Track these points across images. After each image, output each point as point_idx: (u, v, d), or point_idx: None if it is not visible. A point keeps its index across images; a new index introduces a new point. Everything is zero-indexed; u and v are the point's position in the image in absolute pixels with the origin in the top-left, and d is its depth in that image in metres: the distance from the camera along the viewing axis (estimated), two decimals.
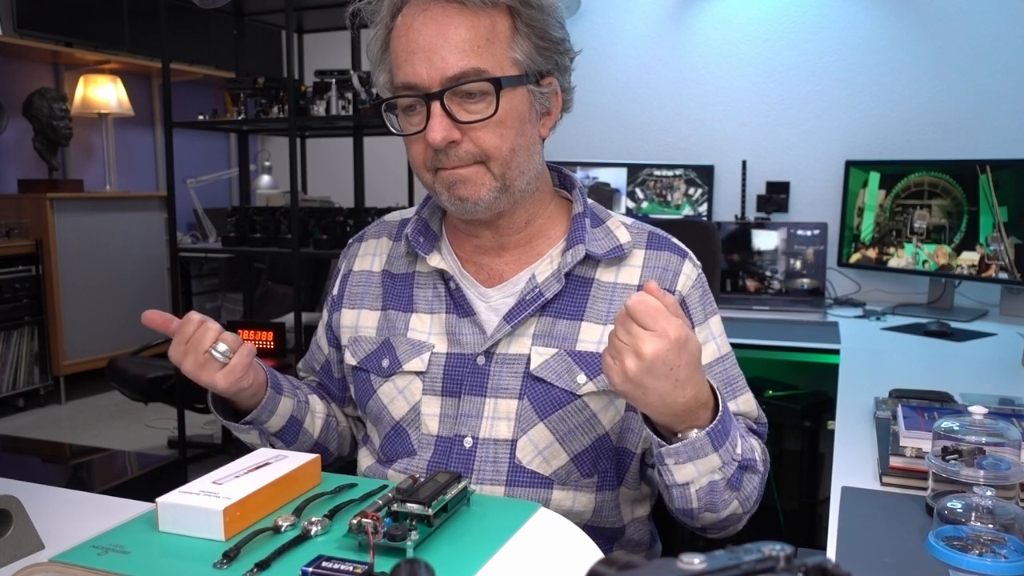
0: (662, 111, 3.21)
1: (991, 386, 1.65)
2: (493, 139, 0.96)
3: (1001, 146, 2.71)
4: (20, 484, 0.97)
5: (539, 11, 0.96)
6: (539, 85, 0.99)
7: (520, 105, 0.97)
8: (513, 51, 0.95)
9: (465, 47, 0.93)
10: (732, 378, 1.07)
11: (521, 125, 0.98)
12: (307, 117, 2.87)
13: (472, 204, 0.98)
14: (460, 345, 1.04)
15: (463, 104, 0.94)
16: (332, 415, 1.20)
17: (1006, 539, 0.82)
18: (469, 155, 0.96)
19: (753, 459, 0.95)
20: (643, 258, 1.06)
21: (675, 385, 0.83)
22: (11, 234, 4.02)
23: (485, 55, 0.93)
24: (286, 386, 1.11)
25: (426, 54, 0.93)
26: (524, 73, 0.97)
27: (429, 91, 0.93)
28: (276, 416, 1.08)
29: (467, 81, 0.93)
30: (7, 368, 3.97)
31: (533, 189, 1.03)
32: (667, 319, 0.82)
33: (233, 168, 4.51)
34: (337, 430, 1.20)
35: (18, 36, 4.06)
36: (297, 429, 1.12)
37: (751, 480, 0.95)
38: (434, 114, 0.94)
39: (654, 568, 0.38)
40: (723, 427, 0.89)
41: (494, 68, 0.94)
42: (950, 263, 2.54)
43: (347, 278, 1.16)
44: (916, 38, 2.86)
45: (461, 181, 0.97)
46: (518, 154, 0.98)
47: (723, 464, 0.90)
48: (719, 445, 0.89)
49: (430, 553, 0.77)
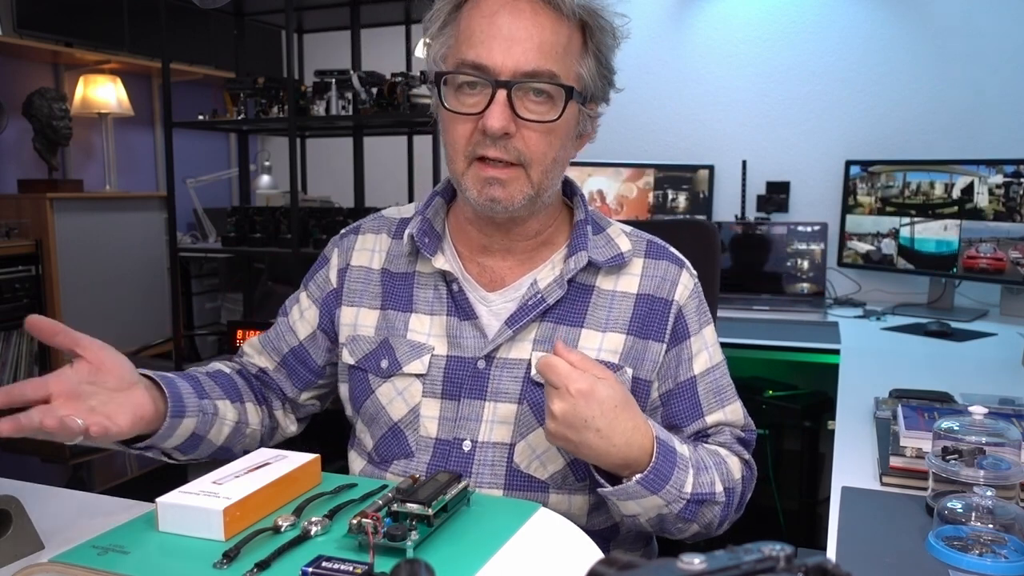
0: (662, 111, 3.21)
1: (991, 386, 1.65)
2: (542, 145, 0.96)
3: (1001, 146, 2.71)
4: (20, 484, 0.97)
5: (609, 37, 0.99)
6: (586, 107, 1.01)
7: (572, 120, 0.99)
8: (580, 67, 0.97)
9: (547, 48, 0.94)
10: (722, 388, 1.08)
11: (567, 139, 1.00)
12: (307, 117, 2.87)
13: (503, 207, 0.98)
14: (461, 348, 1.03)
15: (525, 102, 0.95)
16: (243, 421, 1.10)
17: (1006, 539, 0.82)
18: (515, 152, 0.96)
19: (711, 493, 0.96)
20: (642, 267, 1.06)
21: (599, 436, 0.87)
22: (11, 234, 4.02)
23: (561, 61, 0.95)
24: (190, 404, 0.99)
25: (508, 42, 0.93)
26: (584, 90, 0.99)
27: (498, 78, 0.93)
28: (173, 439, 0.98)
29: (542, 80, 0.94)
30: (7, 368, 3.97)
31: (551, 202, 1.04)
32: (568, 375, 0.86)
33: (233, 168, 4.51)
34: (245, 433, 1.11)
35: (18, 36, 4.05)
36: (197, 444, 1.02)
37: (710, 510, 0.97)
38: (497, 101, 0.93)
39: (654, 568, 0.38)
40: (657, 476, 0.91)
41: (566, 76, 0.95)
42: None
43: (345, 273, 1.13)
44: (916, 38, 2.86)
45: (499, 183, 0.97)
46: (556, 166, 0.99)
47: (667, 503, 0.93)
48: (657, 489, 0.91)
49: (430, 553, 0.77)
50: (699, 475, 0.96)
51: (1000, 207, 2.44)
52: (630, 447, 0.89)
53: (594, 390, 0.86)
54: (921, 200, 2.63)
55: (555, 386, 0.87)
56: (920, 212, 2.63)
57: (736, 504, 1.02)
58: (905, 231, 2.67)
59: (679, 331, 1.05)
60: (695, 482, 0.94)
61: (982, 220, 2.48)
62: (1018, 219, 2.40)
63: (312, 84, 2.87)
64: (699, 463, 0.97)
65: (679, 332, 1.05)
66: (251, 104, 3.02)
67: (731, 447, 1.07)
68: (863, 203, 2.77)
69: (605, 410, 0.87)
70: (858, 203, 2.78)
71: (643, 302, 1.04)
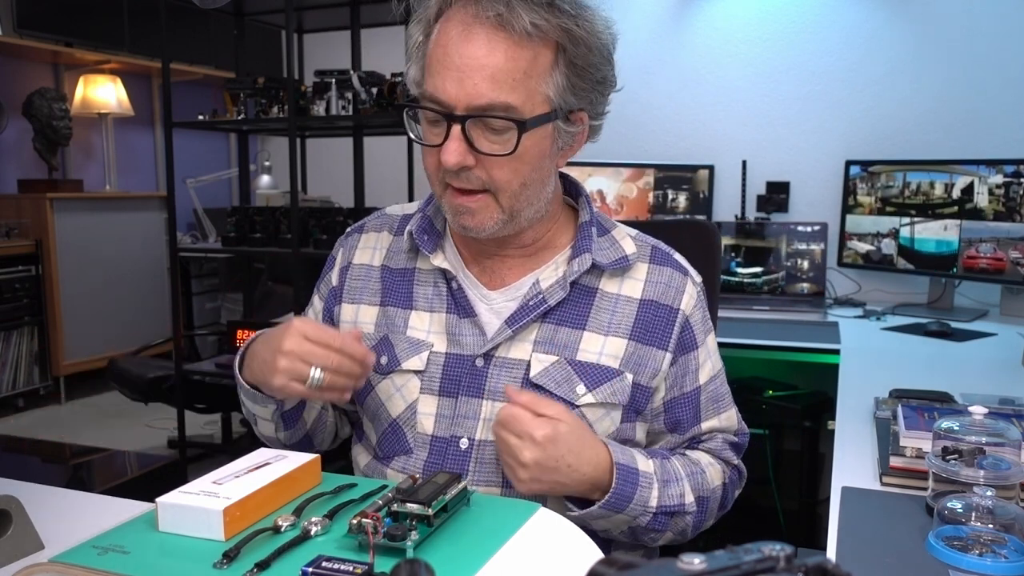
0: (662, 111, 3.21)
1: (991, 386, 1.65)
2: (506, 174, 0.94)
3: (1001, 146, 2.71)
4: (20, 484, 0.97)
5: (587, 50, 0.94)
6: (568, 121, 0.97)
7: (542, 142, 0.95)
8: (547, 87, 0.92)
9: (500, 77, 0.89)
10: (720, 395, 1.11)
11: (539, 161, 0.96)
12: (307, 117, 2.87)
13: (476, 232, 0.98)
14: (459, 346, 1.03)
15: (485, 133, 0.92)
16: (324, 408, 1.16)
17: (1006, 539, 0.82)
18: (479, 181, 0.94)
19: (680, 504, 1.00)
20: (646, 272, 1.06)
21: (570, 470, 0.92)
22: (11, 234, 4.02)
23: (519, 89, 0.90)
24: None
25: (459, 74, 0.90)
26: (553, 110, 0.94)
27: (453, 111, 0.91)
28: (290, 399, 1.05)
29: (492, 115, 0.90)
30: (7, 368, 3.97)
31: (543, 214, 1.02)
32: (530, 424, 0.90)
33: (233, 168, 4.51)
34: (326, 422, 1.17)
35: (18, 36, 4.06)
36: (297, 417, 1.09)
37: (681, 519, 1.01)
38: (453, 136, 0.91)
39: (654, 568, 0.38)
40: (619, 498, 0.95)
41: (524, 104, 0.91)
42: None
43: (347, 271, 1.13)
44: (916, 38, 2.86)
45: (468, 211, 0.96)
46: (529, 188, 0.97)
47: (634, 518, 0.97)
48: (621, 509, 0.96)
49: (430, 553, 0.77)
50: (666, 488, 0.99)
51: (1000, 207, 2.44)
52: (596, 470, 0.94)
53: (557, 431, 0.91)
54: (921, 200, 2.63)
55: (519, 436, 0.91)
56: (920, 212, 2.63)
57: (712, 510, 1.06)
58: (905, 231, 2.67)
59: (686, 341, 1.06)
60: (661, 495, 0.98)
61: (982, 220, 2.48)
62: (1018, 219, 2.40)
63: (312, 84, 2.87)
64: (668, 475, 1.01)
65: (686, 343, 1.06)
66: (251, 104, 3.02)
67: (719, 453, 1.09)
68: (863, 203, 2.77)
69: (571, 446, 0.92)
70: (858, 203, 2.78)
71: (647, 308, 1.04)
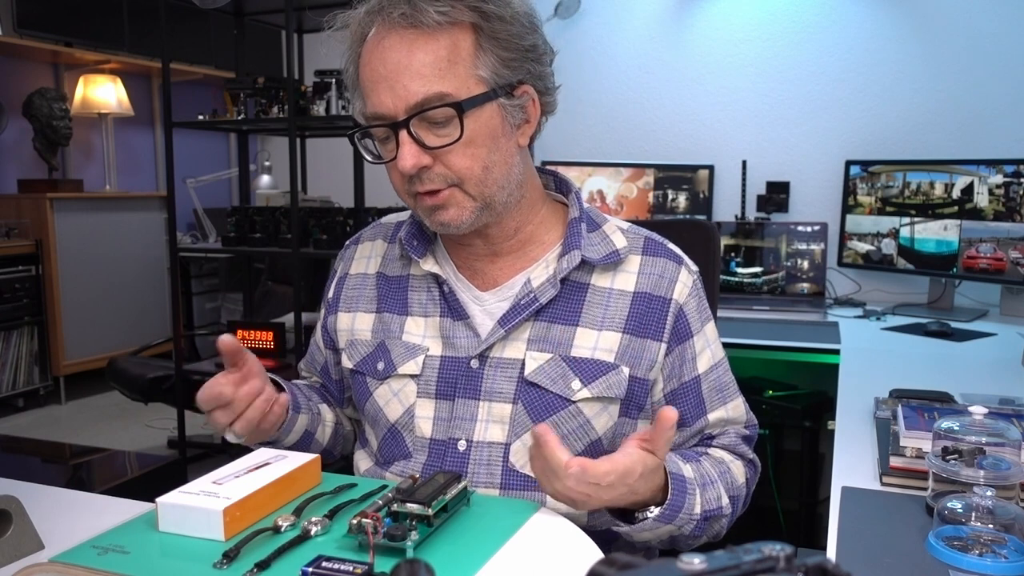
0: (662, 111, 3.21)
1: (991, 386, 1.65)
2: (464, 161, 0.95)
3: (1001, 146, 2.71)
4: (20, 484, 0.97)
5: (503, 23, 0.94)
6: (512, 96, 0.97)
7: (490, 122, 0.95)
8: (477, 68, 0.93)
9: (426, 71, 0.91)
10: (724, 384, 1.09)
11: (493, 141, 0.96)
12: (307, 117, 2.87)
13: (455, 227, 0.98)
14: (454, 348, 1.03)
15: (431, 129, 0.94)
16: (340, 422, 1.21)
17: (1006, 539, 0.82)
18: (442, 178, 0.96)
19: (718, 508, 0.98)
20: (639, 264, 1.05)
21: (629, 492, 0.87)
22: (11, 234, 4.02)
23: (448, 77, 0.92)
24: (302, 402, 1.12)
25: (389, 83, 0.92)
26: (491, 89, 0.94)
27: (396, 120, 0.93)
28: (291, 435, 1.10)
29: (430, 108, 0.92)
30: (7, 368, 3.97)
31: (518, 198, 1.02)
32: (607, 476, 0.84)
33: (233, 168, 4.51)
34: (343, 435, 1.21)
35: (18, 36, 4.06)
36: (309, 441, 1.13)
37: (717, 522, 0.99)
38: (403, 142, 0.93)
39: (654, 568, 0.38)
40: (673, 509, 0.91)
41: (458, 89, 0.92)
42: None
43: (343, 281, 1.16)
44: (916, 38, 2.86)
45: (440, 207, 0.97)
46: (493, 171, 0.97)
47: (679, 527, 0.94)
48: (671, 520, 0.92)
49: (430, 553, 0.77)
50: (705, 492, 0.97)
51: (1000, 207, 2.44)
52: (648, 488, 0.90)
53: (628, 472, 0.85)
54: (921, 200, 2.63)
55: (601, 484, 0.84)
56: (920, 212, 2.63)
57: (740, 508, 1.04)
58: (905, 231, 2.67)
59: (681, 330, 1.05)
60: (703, 500, 0.96)
61: (982, 220, 2.48)
62: (1018, 219, 2.40)
63: (312, 84, 2.87)
64: (705, 479, 0.98)
65: (681, 331, 1.05)
66: (251, 104, 3.02)
67: (735, 449, 1.07)
68: (863, 203, 2.77)
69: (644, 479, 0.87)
70: (858, 203, 2.78)
71: (640, 300, 1.04)
